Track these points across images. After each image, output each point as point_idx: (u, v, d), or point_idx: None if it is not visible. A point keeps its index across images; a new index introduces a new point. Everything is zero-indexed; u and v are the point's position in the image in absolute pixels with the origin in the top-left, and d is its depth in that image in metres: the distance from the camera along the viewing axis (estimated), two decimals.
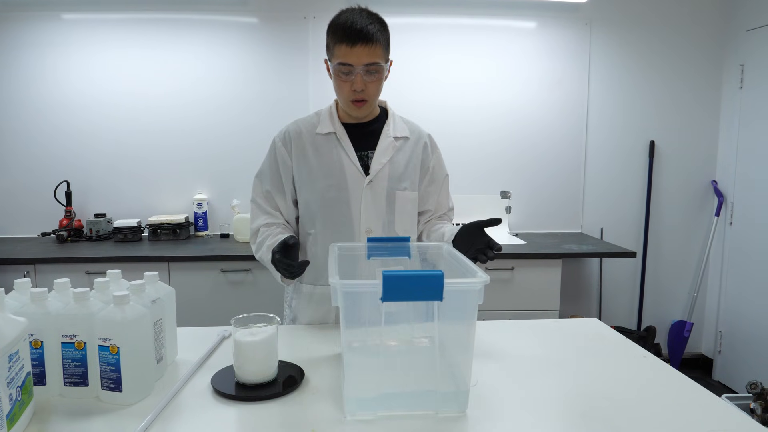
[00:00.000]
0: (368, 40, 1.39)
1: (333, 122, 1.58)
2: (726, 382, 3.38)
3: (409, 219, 1.63)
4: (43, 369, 1.08)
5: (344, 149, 1.55)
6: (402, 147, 1.61)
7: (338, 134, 1.56)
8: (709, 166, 3.52)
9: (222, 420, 1.02)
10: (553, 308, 2.87)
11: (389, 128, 1.60)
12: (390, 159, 1.57)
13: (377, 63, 1.43)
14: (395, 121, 1.63)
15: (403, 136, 1.62)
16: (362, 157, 1.57)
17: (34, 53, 3.15)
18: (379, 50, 1.42)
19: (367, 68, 1.42)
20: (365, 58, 1.41)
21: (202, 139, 3.27)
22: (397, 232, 1.60)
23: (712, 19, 3.41)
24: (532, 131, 3.41)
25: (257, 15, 3.24)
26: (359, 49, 1.39)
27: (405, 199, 1.60)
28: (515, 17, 3.33)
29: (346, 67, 1.42)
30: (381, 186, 1.56)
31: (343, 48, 1.40)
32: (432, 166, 1.68)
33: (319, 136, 1.57)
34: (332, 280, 0.97)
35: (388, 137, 1.59)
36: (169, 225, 3.10)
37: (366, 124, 1.59)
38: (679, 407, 1.09)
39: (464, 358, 1.04)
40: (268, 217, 1.60)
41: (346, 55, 1.40)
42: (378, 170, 1.56)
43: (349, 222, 1.56)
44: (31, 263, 2.68)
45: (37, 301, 1.07)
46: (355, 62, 1.41)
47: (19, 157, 3.22)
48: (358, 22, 1.39)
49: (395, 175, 1.58)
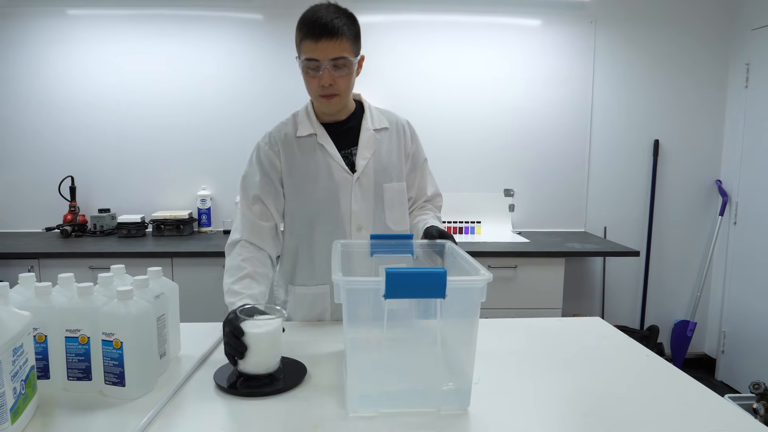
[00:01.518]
0: (333, 35, 1.36)
1: (311, 123, 1.56)
2: (729, 382, 3.37)
3: (399, 210, 1.61)
4: (47, 363, 1.09)
5: (327, 150, 1.54)
6: (383, 138, 1.59)
7: (318, 135, 1.55)
8: (714, 165, 3.51)
9: (224, 415, 1.02)
10: (556, 307, 2.87)
11: (368, 121, 1.58)
12: (373, 153, 1.56)
13: (344, 57, 1.40)
14: (372, 113, 1.61)
15: (383, 127, 1.60)
16: (346, 155, 1.56)
17: (39, 49, 3.16)
18: (345, 44, 1.39)
19: (334, 63, 1.40)
20: (331, 52, 1.38)
21: (206, 135, 3.28)
22: (388, 224, 1.59)
23: (717, 18, 3.39)
24: (535, 129, 3.40)
25: (262, 11, 3.24)
26: (324, 44, 1.37)
27: (393, 190, 1.59)
28: (520, 15, 3.32)
29: (312, 62, 1.40)
30: (368, 181, 1.56)
31: (309, 43, 1.38)
32: (412, 152, 1.66)
33: (300, 139, 1.55)
34: (335, 277, 0.97)
35: (368, 131, 1.57)
36: (172, 221, 3.11)
37: (344, 122, 1.58)
38: (681, 407, 1.09)
39: (467, 356, 1.04)
40: (250, 232, 1.52)
41: (312, 50, 1.38)
42: (364, 166, 1.54)
43: (340, 221, 1.54)
44: (36, 258, 2.69)
45: (41, 296, 1.08)
46: (321, 57, 1.39)
47: (23, 152, 3.23)
48: (323, 17, 1.37)
49: (380, 167, 1.57)
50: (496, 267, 2.79)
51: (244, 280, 1.40)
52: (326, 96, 1.45)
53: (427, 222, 1.55)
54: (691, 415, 1.05)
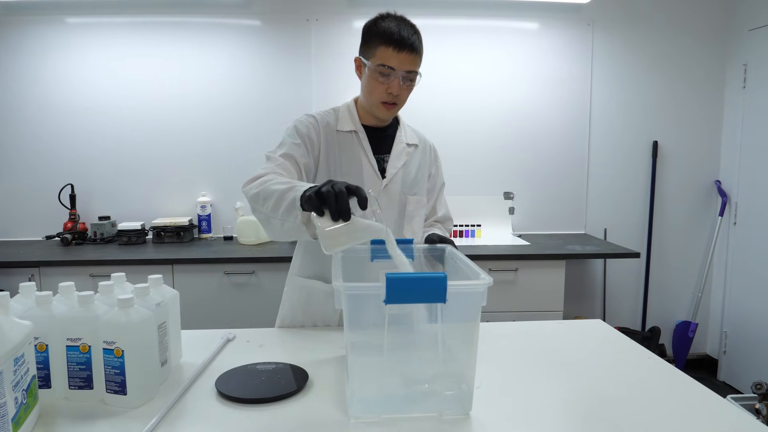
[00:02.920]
0: (414, 50, 1.45)
1: (354, 121, 1.59)
2: (731, 382, 3.37)
3: (417, 223, 1.66)
4: (48, 372, 1.08)
5: (364, 150, 1.57)
6: (413, 153, 1.65)
7: (359, 134, 1.58)
8: (713, 165, 3.51)
9: (226, 423, 1.02)
10: (557, 309, 2.87)
11: (402, 134, 1.64)
12: (404, 164, 1.61)
13: (416, 72, 1.49)
14: (406, 128, 1.68)
15: (414, 143, 1.66)
16: (378, 160, 1.60)
17: (38, 56, 3.17)
18: (419, 60, 1.49)
19: (407, 74, 1.47)
20: (408, 65, 1.46)
21: (206, 142, 3.28)
22: (405, 235, 1.62)
23: (714, 19, 3.40)
24: (534, 132, 3.40)
25: (260, 18, 3.25)
26: (404, 56, 1.44)
27: (415, 203, 1.64)
28: (517, 18, 3.33)
29: (387, 69, 1.45)
30: (395, 190, 1.59)
31: (389, 51, 1.44)
32: (432, 174, 1.73)
33: (340, 133, 1.58)
34: (336, 282, 0.97)
35: (401, 143, 1.63)
36: (173, 227, 3.11)
37: (383, 129, 1.63)
38: (683, 408, 1.08)
39: (468, 360, 1.04)
40: (274, 169, 1.40)
41: (390, 59, 1.44)
42: (393, 174, 1.59)
43: None
44: (36, 266, 2.69)
45: (42, 305, 1.08)
46: (398, 66, 1.45)
47: (23, 160, 3.23)
48: (405, 31, 1.45)
49: (408, 180, 1.62)
50: (497, 270, 2.79)
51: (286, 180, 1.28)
52: (388, 104, 1.51)
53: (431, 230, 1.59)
54: (693, 417, 1.05)
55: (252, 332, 1.50)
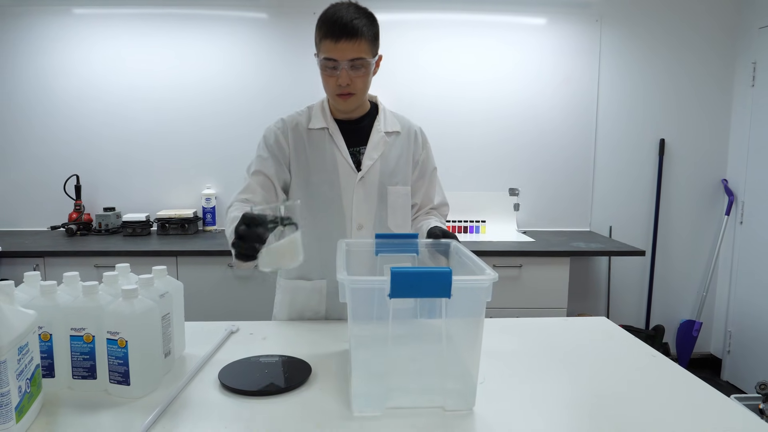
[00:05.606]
0: (353, 35, 1.38)
1: (325, 117, 1.57)
2: (735, 382, 3.36)
3: (401, 214, 1.62)
4: (52, 362, 1.09)
5: (336, 145, 1.55)
6: (394, 142, 1.61)
7: (330, 130, 1.56)
8: (720, 164, 3.49)
9: (229, 415, 1.02)
10: (561, 306, 2.86)
11: (380, 123, 1.60)
12: (381, 154, 1.57)
13: (362, 58, 1.42)
14: (386, 116, 1.63)
15: (394, 130, 1.61)
16: (354, 153, 1.57)
17: (45, 47, 3.17)
18: (364, 45, 1.42)
19: (352, 63, 1.42)
20: (350, 53, 1.40)
21: (211, 134, 3.28)
22: (390, 227, 1.59)
23: (723, 17, 3.37)
24: (541, 128, 3.39)
25: (267, 11, 3.24)
26: (344, 44, 1.39)
27: (397, 194, 1.60)
28: (525, 14, 3.31)
29: (330, 62, 1.42)
30: (373, 182, 1.56)
31: (328, 43, 1.41)
32: (421, 160, 1.67)
33: (312, 131, 1.57)
34: (340, 276, 0.97)
35: (379, 132, 1.59)
36: (177, 219, 3.11)
37: (357, 120, 1.59)
38: (687, 407, 1.08)
39: (472, 356, 1.04)
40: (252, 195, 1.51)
41: (331, 50, 1.41)
42: (369, 166, 1.56)
43: (341, 218, 1.55)
44: (41, 256, 2.70)
45: (46, 294, 1.08)
46: (339, 57, 1.41)
47: (29, 151, 3.24)
48: (344, 17, 1.39)
49: (387, 170, 1.58)
50: (501, 266, 2.78)
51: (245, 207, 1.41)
52: (342, 95, 1.48)
53: (431, 224, 1.55)
54: (697, 416, 1.04)
55: (255, 325, 1.50)
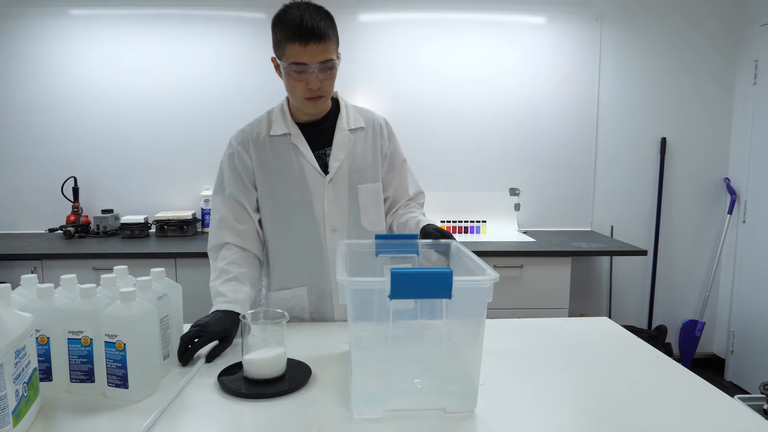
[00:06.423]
0: (321, 38, 1.36)
1: (286, 122, 1.54)
2: (738, 382, 3.34)
3: (374, 211, 1.60)
4: (50, 365, 1.08)
5: (300, 150, 1.52)
6: (359, 138, 1.58)
7: (293, 135, 1.53)
8: (722, 163, 3.48)
9: (228, 417, 1.01)
10: (563, 307, 2.84)
11: (342, 121, 1.56)
12: (348, 153, 1.54)
13: (331, 60, 1.40)
14: (348, 112, 1.59)
15: (358, 126, 1.58)
16: (320, 155, 1.54)
17: (42, 48, 3.16)
18: (331, 46, 1.39)
19: (322, 66, 1.39)
20: (319, 55, 1.37)
21: (210, 135, 3.26)
22: (364, 225, 1.57)
23: (725, 15, 3.36)
24: (541, 128, 3.38)
25: (265, 11, 3.23)
26: (313, 48, 1.36)
27: (368, 191, 1.57)
28: (525, 12, 3.30)
29: (300, 66, 1.39)
30: (342, 182, 1.54)
31: (295, 47, 1.37)
32: (389, 153, 1.64)
33: (274, 138, 1.54)
34: (340, 277, 0.96)
35: (342, 131, 1.55)
36: (176, 221, 3.10)
37: (319, 121, 1.56)
38: (691, 408, 1.07)
39: (473, 357, 1.03)
40: (232, 235, 1.53)
41: (300, 54, 1.37)
42: (337, 167, 1.53)
43: (314, 222, 1.53)
44: (38, 259, 2.69)
45: (43, 297, 1.07)
46: (309, 61, 1.38)
47: (27, 153, 3.23)
48: (308, 20, 1.35)
49: (355, 168, 1.55)
50: (502, 267, 2.77)
51: (231, 283, 1.44)
52: (312, 98, 1.45)
53: (420, 220, 1.52)
54: (701, 416, 1.03)
55: None
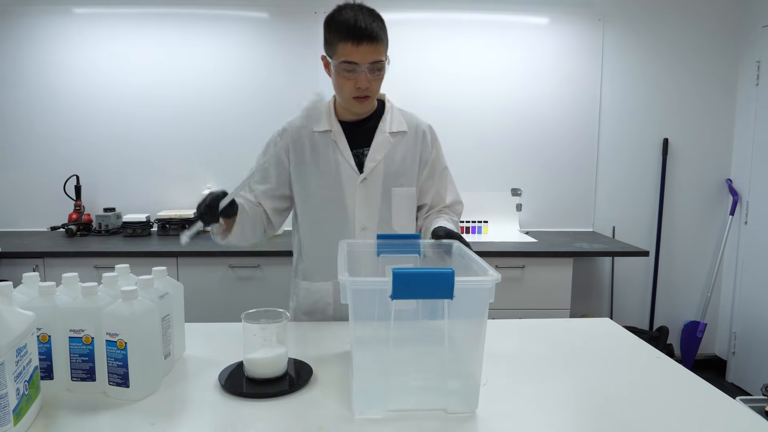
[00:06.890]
0: (373, 39, 1.40)
1: (330, 120, 1.57)
2: (740, 384, 3.34)
3: (406, 215, 1.61)
4: (51, 363, 1.08)
5: (339, 148, 1.55)
6: (399, 142, 1.59)
7: (334, 132, 1.56)
8: (724, 164, 3.47)
9: (229, 417, 1.01)
10: (564, 307, 2.84)
11: (385, 124, 1.58)
12: (385, 156, 1.56)
13: (381, 61, 1.44)
14: (393, 115, 1.61)
15: (400, 130, 1.59)
16: (357, 154, 1.56)
17: (45, 47, 3.17)
18: (382, 48, 1.43)
19: (372, 66, 1.43)
20: (370, 56, 1.41)
21: (212, 134, 3.27)
22: (395, 228, 1.58)
23: (727, 16, 3.35)
24: (543, 128, 3.37)
25: (268, 10, 3.23)
26: (365, 48, 1.40)
27: (401, 195, 1.59)
28: (528, 13, 3.30)
29: (350, 65, 1.42)
30: (376, 183, 1.56)
31: (349, 46, 1.40)
32: (431, 159, 1.65)
33: (316, 134, 1.57)
34: (341, 277, 0.96)
35: (383, 133, 1.57)
36: (178, 220, 3.10)
37: (363, 121, 1.58)
38: (692, 409, 1.07)
39: (474, 357, 1.03)
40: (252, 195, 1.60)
41: (352, 54, 1.40)
42: (372, 168, 1.55)
43: (344, 220, 1.55)
44: (40, 257, 2.69)
45: (45, 295, 1.07)
46: (360, 60, 1.41)
47: (29, 151, 3.23)
48: (361, 20, 1.39)
49: (391, 171, 1.57)
50: (504, 267, 2.76)
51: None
52: (360, 98, 1.48)
53: (438, 223, 1.53)
54: (702, 418, 1.03)
55: None
